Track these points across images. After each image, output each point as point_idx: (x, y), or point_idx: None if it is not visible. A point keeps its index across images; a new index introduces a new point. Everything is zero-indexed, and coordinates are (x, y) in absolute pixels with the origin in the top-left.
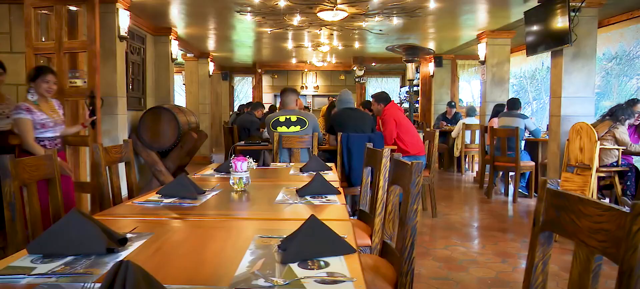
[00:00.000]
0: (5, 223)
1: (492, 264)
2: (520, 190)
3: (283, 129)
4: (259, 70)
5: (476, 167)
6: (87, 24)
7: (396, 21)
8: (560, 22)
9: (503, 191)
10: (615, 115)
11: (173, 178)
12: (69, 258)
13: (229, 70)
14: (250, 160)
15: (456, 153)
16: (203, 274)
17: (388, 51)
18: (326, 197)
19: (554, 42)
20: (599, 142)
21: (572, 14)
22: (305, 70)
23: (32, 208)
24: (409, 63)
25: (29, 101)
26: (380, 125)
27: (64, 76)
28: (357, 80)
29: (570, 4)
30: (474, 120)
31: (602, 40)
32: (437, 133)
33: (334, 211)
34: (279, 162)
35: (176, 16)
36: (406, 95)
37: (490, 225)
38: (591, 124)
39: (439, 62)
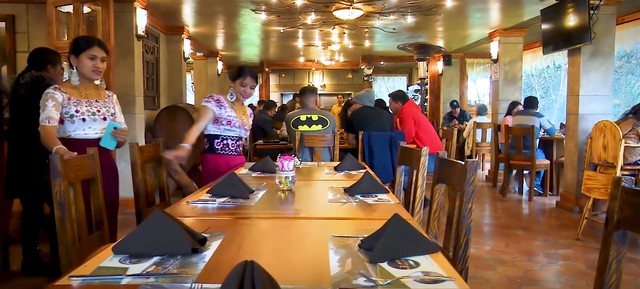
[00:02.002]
0: (56, 223)
1: (518, 263)
2: (535, 189)
3: (304, 128)
4: (266, 69)
5: (487, 166)
6: (102, 20)
7: (410, 19)
8: (579, 20)
9: (517, 189)
10: (639, 113)
11: (188, 178)
12: (156, 259)
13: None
14: (296, 159)
15: (467, 152)
16: (299, 274)
17: (399, 50)
18: (376, 196)
19: (573, 40)
20: (623, 140)
21: (591, 11)
22: (313, 69)
23: (78, 208)
24: (421, 62)
25: (225, 97)
26: (398, 123)
27: None
28: (366, 78)
29: (590, 2)
30: (485, 119)
31: (616, 38)
32: (456, 132)
33: (393, 210)
34: (301, 161)
35: (189, 15)
36: (415, 94)
37: (509, 224)
38: (614, 122)
39: (448, 61)
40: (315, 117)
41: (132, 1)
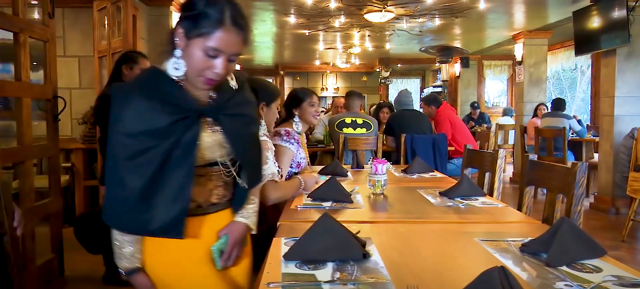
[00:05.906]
0: None
1: None
2: None
3: (349, 130)
4: (281, 72)
5: (509, 168)
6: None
7: (437, 22)
8: (616, 21)
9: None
10: None
11: None
12: (332, 264)
13: (248, 72)
14: (388, 163)
15: None
16: None
17: (421, 52)
18: (478, 199)
19: (609, 41)
20: None
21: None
22: (327, 71)
23: None
24: (443, 64)
25: (294, 131)
26: (433, 126)
27: None
28: (383, 81)
29: (628, 3)
30: (510, 120)
31: None
32: (492, 135)
33: (506, 213)
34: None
35: None
36: None
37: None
38: None
39: (465, 63)
40: (360, 121)
41: (168, 5)
